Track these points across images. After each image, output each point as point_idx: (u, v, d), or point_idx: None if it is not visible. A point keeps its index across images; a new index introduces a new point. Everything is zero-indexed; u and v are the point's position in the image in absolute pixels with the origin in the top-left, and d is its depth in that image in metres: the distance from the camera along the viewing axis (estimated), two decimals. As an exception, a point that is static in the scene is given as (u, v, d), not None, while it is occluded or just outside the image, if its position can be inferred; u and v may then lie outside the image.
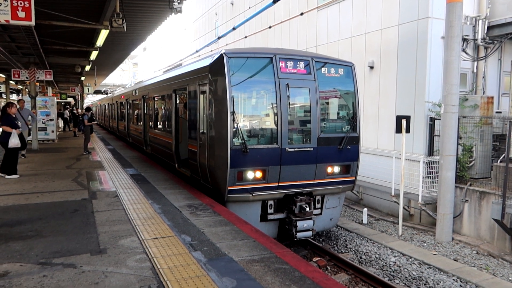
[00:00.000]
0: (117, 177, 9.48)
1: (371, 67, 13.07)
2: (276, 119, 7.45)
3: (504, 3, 11.61)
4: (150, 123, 13.50)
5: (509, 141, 8.53)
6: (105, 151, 15.31)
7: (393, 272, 7.73)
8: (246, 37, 20.53)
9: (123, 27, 9.34)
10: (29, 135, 14.37)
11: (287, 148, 7.43)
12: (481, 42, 11.66)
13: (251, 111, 7.88)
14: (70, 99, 39.62)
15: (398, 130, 9.89)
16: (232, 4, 24.68)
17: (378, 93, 12.91)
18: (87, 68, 20.50)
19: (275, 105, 7.44)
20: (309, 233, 7.84)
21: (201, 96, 8.20)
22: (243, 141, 7.08)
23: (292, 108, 7.74)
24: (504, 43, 12.04)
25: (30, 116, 13.42)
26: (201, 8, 31.28)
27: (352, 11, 14.01)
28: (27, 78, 15.71)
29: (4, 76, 24.52)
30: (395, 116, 10.57)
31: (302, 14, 14.81)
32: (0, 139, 9.41)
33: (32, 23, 7.79)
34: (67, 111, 29.60)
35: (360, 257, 8.44)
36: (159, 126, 12.32)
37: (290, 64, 7.65)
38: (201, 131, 8.18)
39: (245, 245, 4.96)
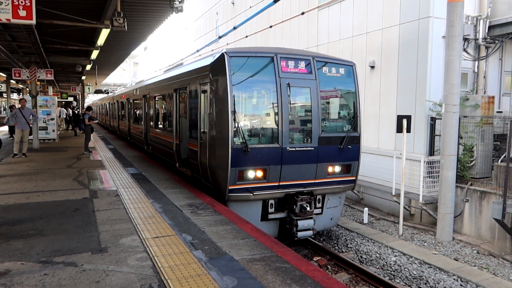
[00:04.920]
0: (118, 176, 9.48)
1: (372, 67, 13.05)
2: (277, 119, 7.44)
3: (505, 2, 11.59)
4: (151, 122, 13.51)
5: (510, 140, 8.51)
6: (106, 150, 15.32)
7: (394, 271, 7.73)
8: (247, 36, 20.54)
9: (124, 26, 9.34)
10: (30, 134, 14.38)
11: (288, 148, 7.43)
12: (482, 41, 11.65)
13: (252, 110, 7.88)
14: (70, 99, 39.62)
15: (399, 129, 9.89)
16: (233, 3, 24.67)
17: (379, 92, 12.90)
18: (88, 67, 20.53)
19: (276, 105, 7.44)
20: (310, 233, 7.85)
21: (202, 95, 8.20)
22: (244, 141, 7.08)
23: (293, 108, 7.73)
24: (505, 43, 12.03)
25: (31, 115, 13.44)
26: (202, 8, 31.27)
27: (353, 11, 13.99)
28: (28, 77, 15.73)
29: (5, 75, 24.56)
30: (396, 115, 10.56)
31: (303, 13, 14.80)
32: None
33: (33, 22, 7.78)
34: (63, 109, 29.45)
35: (361, 257, 8.45)
36: (160, 126, 12.32)
37: (291, 63, 7.65)
38: (202, 130, 8.18)
39: (246, 244, 4.96)
